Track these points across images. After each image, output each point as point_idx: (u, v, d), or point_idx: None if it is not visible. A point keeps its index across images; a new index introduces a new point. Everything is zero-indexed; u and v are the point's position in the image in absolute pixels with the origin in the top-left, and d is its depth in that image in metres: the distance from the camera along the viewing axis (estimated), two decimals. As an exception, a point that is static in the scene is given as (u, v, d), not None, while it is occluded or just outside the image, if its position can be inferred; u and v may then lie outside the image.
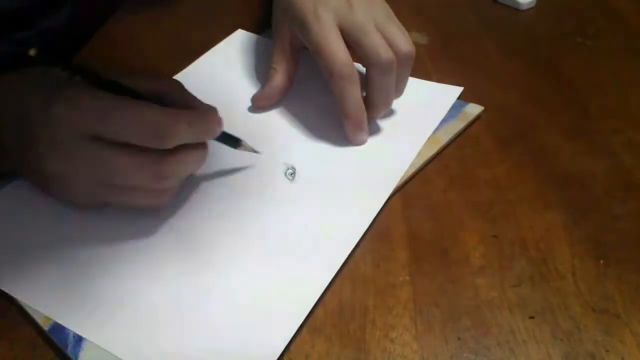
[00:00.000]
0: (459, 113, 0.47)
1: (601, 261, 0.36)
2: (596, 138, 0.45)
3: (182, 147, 0.35)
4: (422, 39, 0.58)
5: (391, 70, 0.42)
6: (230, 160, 0.41)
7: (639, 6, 0.63)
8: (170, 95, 0.36)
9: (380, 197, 0.40)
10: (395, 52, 0.42)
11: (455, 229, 0.38)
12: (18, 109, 0.35)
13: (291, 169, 0.42)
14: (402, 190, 0.41)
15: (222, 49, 0.56)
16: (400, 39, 0.43)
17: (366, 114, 0.44)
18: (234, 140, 0.40)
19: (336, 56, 0.41)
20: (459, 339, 0.32)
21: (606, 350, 0.31)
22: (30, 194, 0.38)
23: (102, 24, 0.62)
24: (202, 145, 0.37)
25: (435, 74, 0.52)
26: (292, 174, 0.42)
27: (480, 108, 0.47)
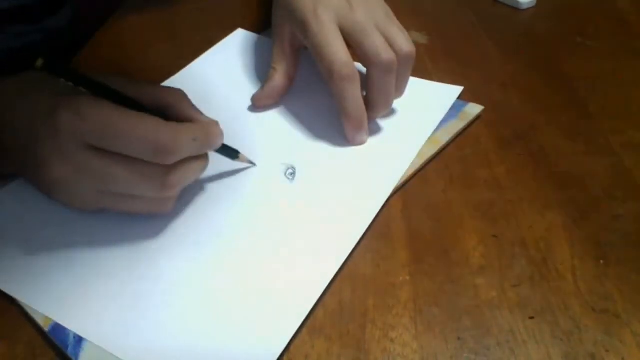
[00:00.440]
0: (459, 113, 0.47)
1: (601, 261, 0.36)
2: (596, 138, 0.45)
3: (184, 159, 0.35)
4: (422, 39, 0.58)
5: (391, 70, 0.42)
6: (230, 161, 0.41)
7: (639, 6, 0.63)
8: (172, 106, 0.36)
9: (380, 197, 0.40)
10: (395, 52, 0.42)
11: (455, 229, 0.38)
12: (21, 112, 0.35)
13: (291, 169, 0.42)
14: (402, 190, 0.41)
15: (221, 48, 0.56)
16: (400, 39, 0.43)
17: (366, 114, 0.44)
18: (232, 152, 0.40)
19: (336, 56, 0.41)
20: (459, 339, 0.32)
21: (606, 350, 0.31)
22: (30, 194, 0.38)
23: (102, 23, 0.62)
24: (204, 155, 0.37)
25: (435, 74, 0.52)
26: (292, 174, 0.42)
27: (480, 108, 0.47)
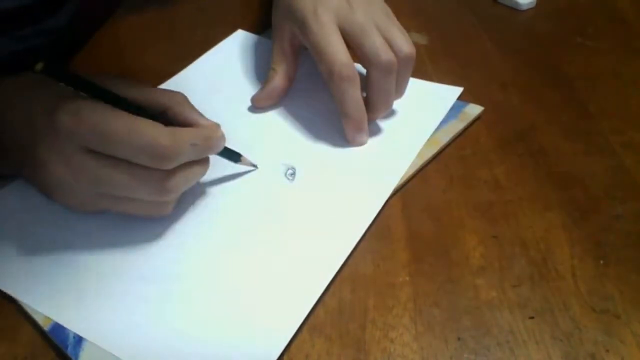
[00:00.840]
0: (459, 113, 0.47)
1: (601, 261, 0.36)
2: (596, 138, 0.45)
3: (184, 163, 0.35)
4: (422, 39, 0.58)
5: (391, 71, 0.42)
6: (230, 162, 0.41)
7: (639, 6, 0.63)
8: (173, 109, 0.36)
9: (380, 197, 0.40)
10: (395, 53, 0.42)
11: (455, 229, 0.38)
12: (21, 112, 0.35)
13: (291, 170, 0.42)
14: (402, 190, 0.41)
15: (222, 49, 0.56)
16: (400, 40, 0.43)
17: (366, 115, 0.44)
18: (234, 155, 0.40)
19: (336, 57, 0.41)
20: (459, 339, 0.32)
21: (606, 350, 0.31)
22: (30, 194, 0.38)
23: (102, 23, 0.62)
24: (205, 159, 0.37)
25: (435, 74, 0.52)
26: (292, 174, 0.42)
27: (480, 108, 0.47)
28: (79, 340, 0.32)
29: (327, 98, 0.45)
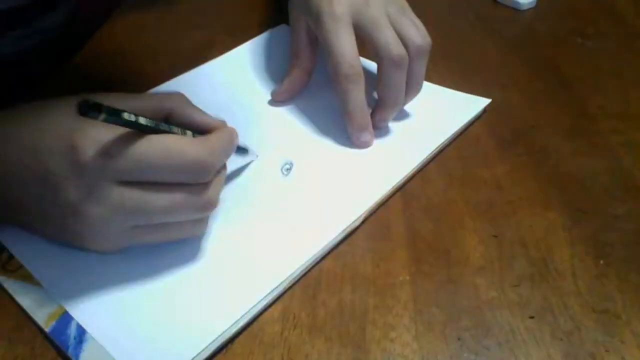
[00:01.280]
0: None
1: (601, 261, 0.36)
2: (596, 138, 0.45)
3: None
4: (422, 39, 0.58)
5: (401, 66, 0.42)
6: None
7: (639, 6, 0.63)
8: (176, 112, 0.34)
9: (373, 196, 0.39)
10: (407, 46, 0.42)
11: (455, 229, 0.38)
12: (30, 164, 0.31)
13: (288, 164, 0.42)
14: (402, 190, 0.41)
15: (260, 42, 0.57)
16: (413, 32, 0.42)
17: (375, 115, 0.44)
18: (242, 150, 0.40)
19: (344, 57, 0.41)
20: (459, 339, 0.32)
21: (606, 350, 0.31)
22: None
23: (102, 23, 0.62)
24: None
25: (435, 74, 0.52)
26: (289, 169, 0.42)
27: (487, 101, 0.47)
28: (80, 340, 0.31)
29: (334, 96, 0.45)
